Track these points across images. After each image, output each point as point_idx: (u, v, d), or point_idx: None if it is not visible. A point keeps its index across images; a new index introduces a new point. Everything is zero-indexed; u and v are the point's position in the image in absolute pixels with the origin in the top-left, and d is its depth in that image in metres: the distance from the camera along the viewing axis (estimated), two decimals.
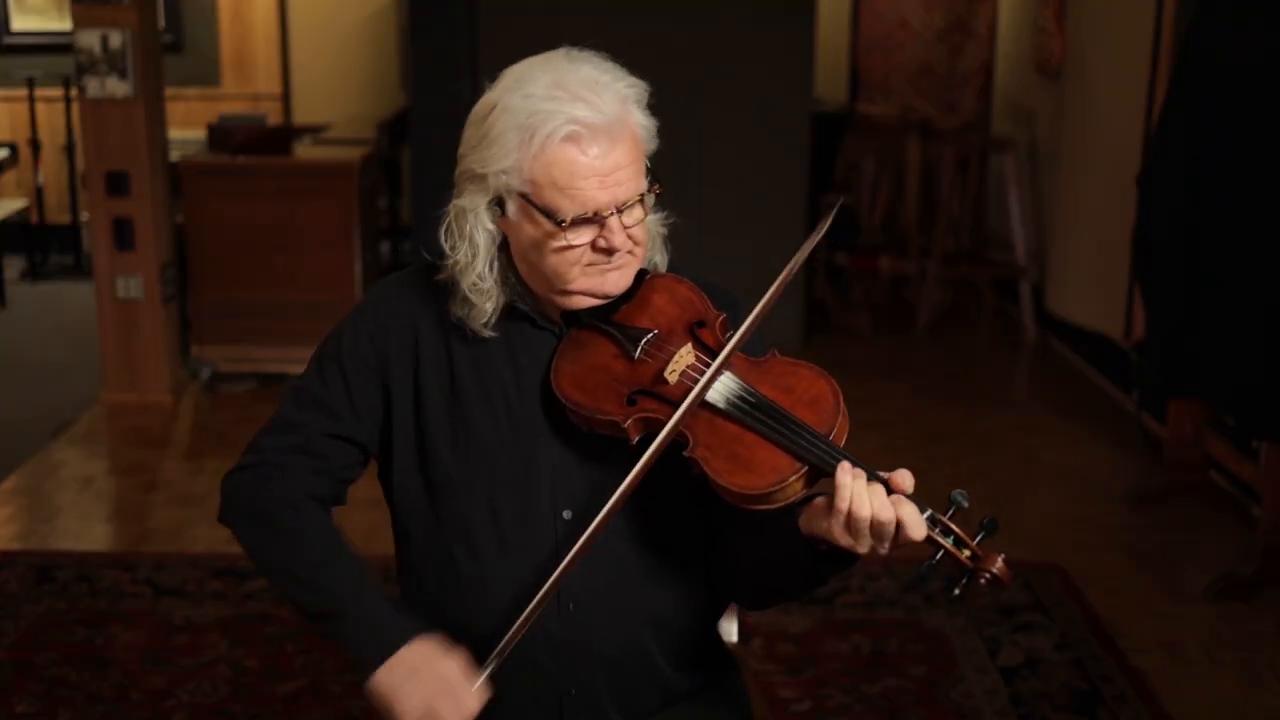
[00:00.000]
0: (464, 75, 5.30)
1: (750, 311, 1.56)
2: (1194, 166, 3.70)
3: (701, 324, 1.62)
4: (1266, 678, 3.18)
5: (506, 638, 1.56)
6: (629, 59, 1.63)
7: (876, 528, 1.43)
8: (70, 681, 3.06)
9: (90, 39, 4.77)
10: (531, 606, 1.54)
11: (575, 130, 1.51)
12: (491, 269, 1.60)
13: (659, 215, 1.68)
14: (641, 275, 1.65)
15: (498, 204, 1.58)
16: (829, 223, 1.58)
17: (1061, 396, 5.35)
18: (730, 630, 1.95)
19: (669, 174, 1.65)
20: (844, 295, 6.65)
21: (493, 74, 1.61)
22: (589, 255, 1.56)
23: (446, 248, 1.61)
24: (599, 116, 1.52)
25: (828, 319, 6.34)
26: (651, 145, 1.60)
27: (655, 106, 1.62)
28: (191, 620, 3.35)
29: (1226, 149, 3.59)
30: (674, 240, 1.72)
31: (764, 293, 1.55)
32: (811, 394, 1.53)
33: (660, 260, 1.70)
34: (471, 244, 1.59)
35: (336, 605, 1.62)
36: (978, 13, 7.11)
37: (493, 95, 1.57)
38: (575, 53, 1.59)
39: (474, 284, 1.60)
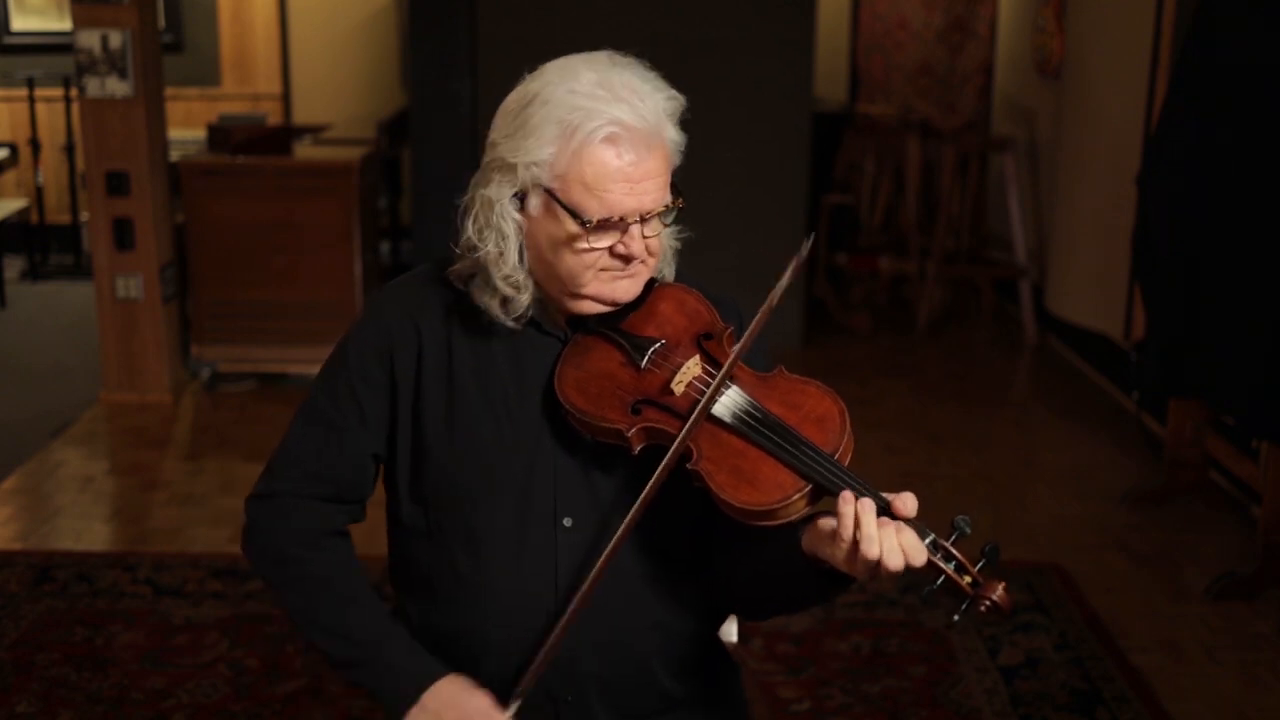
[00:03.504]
0: (464, 75, 5.30)
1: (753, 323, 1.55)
2: (1194, 166, 3.70)
3: (709, 336, 1.61)
4: (1266, 678, 3.18)
5: (531, 670, 1.57)
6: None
7: (882, 570, 1.42)
8: (70, 681, 3.06)
9: (90, 39, 4.77)
10: (547, 648, 1.55)
11: (615, 132, 1.50)
12: (522, 260, 1.58)
13: (673, 229, 1.66)
14: (650, 284, 1.64)
15: (519, 197, 1.57)
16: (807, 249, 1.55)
17: (1061, 396, 5.35)
18: (730, 631, 1.95)
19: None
20: (844, 295, 6.65)
21: (492, 74, 1.61)
22: (605, 260, 1.55)
23: (474, 237, 1.58)
24: (640, 121, 1.51)
25: (828, 319, 6.34)
26: (676, 160, 1.59)
27: None
28: (191, 620, 3.35)
29: (1226, 149, 3.59)
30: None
31: (763, 296, 1.53)
32: (818, 412, 1.52)
33: (668, 273, 1.69)
34: (500, 234, 1.57)
35: (361, 652, 1.64)
36: (978, 13, 7.11)
37: (533, 86, 1.56)
38: (619, 57, 1.58)
39: (507, 275, 1.58)
